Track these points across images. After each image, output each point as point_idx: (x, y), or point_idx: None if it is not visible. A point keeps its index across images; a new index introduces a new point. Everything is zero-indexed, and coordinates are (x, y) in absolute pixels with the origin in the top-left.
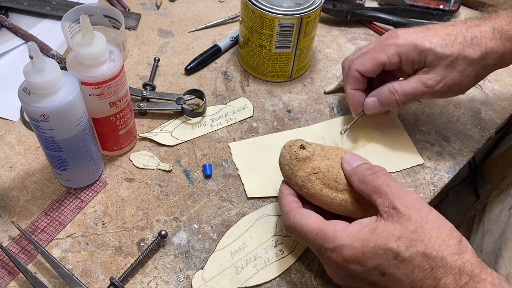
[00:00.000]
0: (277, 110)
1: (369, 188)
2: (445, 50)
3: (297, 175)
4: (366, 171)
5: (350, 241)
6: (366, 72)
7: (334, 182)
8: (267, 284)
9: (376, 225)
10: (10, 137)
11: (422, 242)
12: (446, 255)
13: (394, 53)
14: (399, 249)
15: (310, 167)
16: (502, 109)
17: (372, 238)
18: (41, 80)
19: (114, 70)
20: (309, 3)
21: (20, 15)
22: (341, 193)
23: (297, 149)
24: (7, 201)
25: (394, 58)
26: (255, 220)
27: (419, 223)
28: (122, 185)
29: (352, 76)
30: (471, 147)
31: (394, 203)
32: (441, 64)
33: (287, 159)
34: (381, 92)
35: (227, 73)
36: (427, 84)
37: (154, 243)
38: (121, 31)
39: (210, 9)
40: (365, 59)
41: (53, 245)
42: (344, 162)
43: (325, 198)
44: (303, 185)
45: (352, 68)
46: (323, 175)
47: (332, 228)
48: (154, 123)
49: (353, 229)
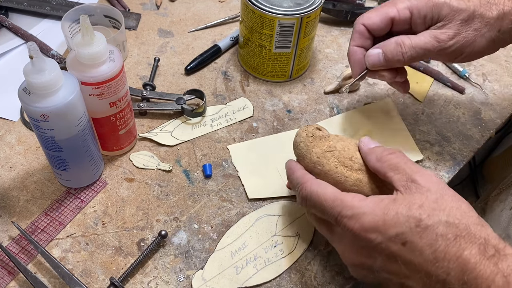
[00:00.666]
0: (277, 110)
1: (386, 166)
2: (460, 3)
3: (313, 151)
4: (384, 151)
5: (370, 209)
6: (373, 27)
7: (349, 161)
8: (267, 284)
9: (396, 197)
10: (10, 137)
11: (444, 211)
12: (470, 223)
13: (405, 7)
14: (421, 217)
15: (326, 145)
16: (502, 109)
17: (393, 207)
18: (41, 80)
19: (114, 70)
20: (309, 3)
21: (20, 15)
22: (356, 172)
23: (314, 129)
24: (7, 201)
25: (405, 12)
26: (255, 220)
27: (439, 194)
28: (122, 185)
29: (356, 30)
30: (471, 147)
31: (413, 176)
32: (456, 18)
33: (303, 137)
34: (387, 44)
35: (227, 73)
36: (439, 38)
37: (154, 243)
38: (121, 31)
39: (210, 9)
40: (373, 13)
41: (53, 245)
42: (362, 143)
43: (340, 176)
44: (318, 161)
45: (358, 22)
46: (338, 153)
47: (350, 198)
48: (154, 123)
49: (371, 200)
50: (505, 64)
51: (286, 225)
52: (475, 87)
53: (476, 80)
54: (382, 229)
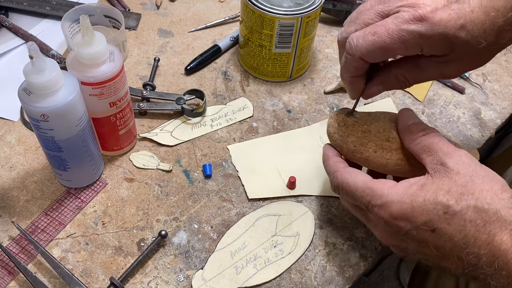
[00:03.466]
0: (277, 110)
1: (419, 148)
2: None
3: (348, 140)
4: (419, 132)
5: (398, 197)
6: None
7: (387, 142)
8: (267, 284)
9: (425, 182)
10: (10, 137)
11: (472, 195)
12: (500, 208)
13: (415, 45)
14: (449, 203)
15: (360, 131)
16: (502, 109)
17: (420, 194)
18: (41, 80)
19: (114, 70)
20: (309, 3)
21: (20, 15)
22: (396, 152)
23: (345, 116)
24: (7, 201)
25: (414, 51)
26: (255, 220)
27: (469, 176)
28: (122, 185)
29: (353, 65)
30: (471, 147)
31: (443, 159)
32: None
33: (335, 127)
34: (388, 81)
35: (227, 73)
36: (445, 75)
37: (154, 243)
38: (121, 31)
39: (210, 9)
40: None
41: (53, 245)
42: (400, 116)
43: (381, 160)
44: (355, 150)
45: (355, 55)
46: (375, 137)
47: (380, 186)
48: (154, 123)
49: (401, 186)
50: (505, 64)
51: (286, 225)
52: (475, 87)
53: (476, 80)
54: (411, 216)
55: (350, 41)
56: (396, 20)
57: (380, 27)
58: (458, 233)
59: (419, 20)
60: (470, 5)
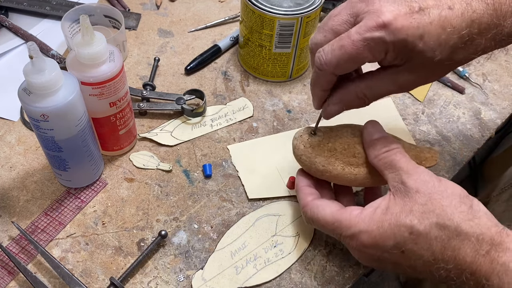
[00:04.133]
0: (277, 110)
1: (382, 164)
2: (435, 54)
3: (316, 161)
4: (382, 148)
5: (365, 226)
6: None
7: (353, 158)
8: (267, 284)
9: (387, 205)
10: (10, 137)
11: (433, 212)
12: (460, 222)
13: (382, 51)
14: (412, 223)
15: (326, 150)
16: (502, 109)
17: (385, 218)
18: (41, 80)
19: (114, 70)
20: (309, 3)
21: (20, 15)
22: (363, 166)
23: (309, 136)
24: (7, 201)
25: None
26: (255, 220)
27: (428, 194)
28: (122, 185)
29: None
30: (471, 147)
31: (403, 178)
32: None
33: (301, 149)
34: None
35: (227, 73)
36: (402, 86)
37: (154, 243)
38: (121, 31)
39: (210, 9)
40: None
41: (53, 245)
42: (365, 130)
43: (349, 176)
44: (324, 170)
45: (327, 70)
46: (341, 155)
47: (347, 216)
48: (154, 123)
49: (366, 214)
50: (505, 64)
51: (286, 225)
52: (475, 87)
53: (476, 80)
54: (380, 243)
55: (320, 57)
56: (360, 29)
57: (346, 39)
58: (426, 251)
59: (382, 27)
60: (430, 17)
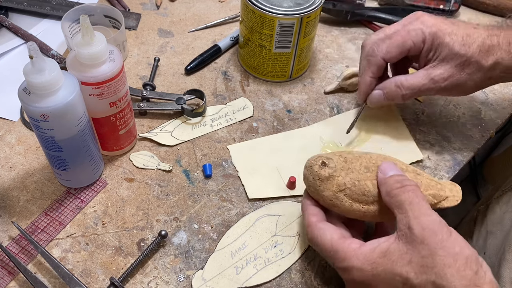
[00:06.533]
0: (277, 110)
1: (393, 202)
2: (461, 49)
3: (324, 195)
4: (395, 184)
5: (360, 264)
6: (391, 60)
7: (363, 196)
8: (267, 284)
9: (389, 246)
10: (10, 137)
11: (433, 269)
12: (458, 286)
13: (420, 40)
14: (408, 275)
15: (335, 185)
16: (502, 109)
17: (381, 262)
18: (41, 80)
19: (114, 70)
20: (309, 3)
21: (20, 15)
22: (373, 204)
23: (318, 168)
24: (7, 201)
25: (419, 44)
26: (255, 220)
27: (433, 249)
28: (122, 185)
29: (376, 64)
30: (471, 147)
31: (411, 222)
32: (453, 62)
33: (310, 181)
34: (387, 86)
35: (227, 73)
36: (434, 80)
37: (154, 243)
38: (121, 31)
39: (210, 9)
40: (391, 46)
41: (53, 245)
42: (380, 170)
43: (358, 213)
44: (332, 204)
45: (377, 56)
46: (350, 191)
47: (345, 248)
48: (154, 123)
49: (364, 250)
50: None
51: (286, 225)
52: None
53: None
54: (372, 285)
55: (373, 45)
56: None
57: (394, 34)
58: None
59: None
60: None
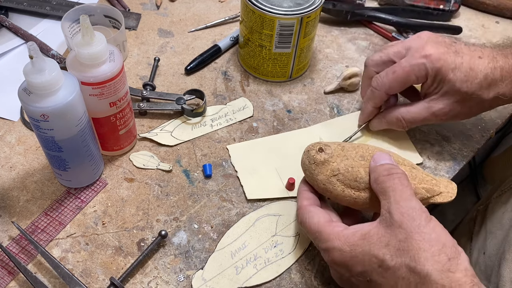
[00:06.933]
0: (277, 110)
1: (378, 189)
2: (463, 86)
3: (318, 179)
4: (383, 171)
5: (340, 244)
6: (394, 92)
7: (355, 182)
8: (267, 284)
9: (369, 230)
10: (10, 137)
11: (408, 253)
12: (431, 271)
13: (423, 74)
14: (384, 257)
15: (329, 170)
16: (502, 109)
17: (360, 243)
18: (41, 80)
19: (114, 70)
20: (309, 3)
21: (20, 15)
22: (364, 191)
23: (315, 153)
24: (7, 201)
25: (422, 79)
26: (255, 220)
27: (409, 233)
28: (122, 185)
29: (379, 97)
30: (471, 147)
31: (391, 207)
32: (455, 97)
33: (306, 164)
34: (389, 118)
35: (227, 73)
36: (435, 114)
37: (154, 243)
38: (121, 31)
39: (210, 9)
40: (394, 82)
41: (53, 245)
42: (373, 159)
43: (349, 199)
44: (324, 188)
45: (381, 90)
46: (343, 176)
47: (328, 230)
48: (154, 123)
49: (346, 232)
50: None
51: (286, 225)
52: None
53: None
54: (349, 264)
55: (377, 79)
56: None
57: (397, 66)
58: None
59: (424, 57)
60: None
